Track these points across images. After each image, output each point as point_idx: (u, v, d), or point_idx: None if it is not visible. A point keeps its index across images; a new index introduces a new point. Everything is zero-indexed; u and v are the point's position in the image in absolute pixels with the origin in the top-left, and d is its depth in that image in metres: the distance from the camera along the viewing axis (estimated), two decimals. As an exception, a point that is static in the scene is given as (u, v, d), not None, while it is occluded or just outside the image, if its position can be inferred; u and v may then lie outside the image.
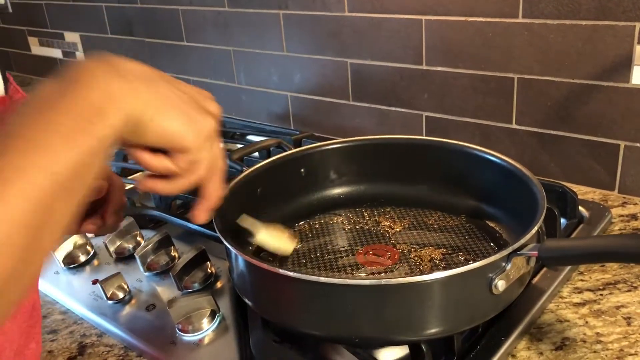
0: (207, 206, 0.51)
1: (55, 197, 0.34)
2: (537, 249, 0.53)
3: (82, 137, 0.36)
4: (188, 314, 0.64)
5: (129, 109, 0.39)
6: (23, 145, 0.34)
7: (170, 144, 0.43)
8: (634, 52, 0.80)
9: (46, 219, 0.34)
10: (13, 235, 0.32)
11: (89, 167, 0.37)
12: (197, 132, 0.44)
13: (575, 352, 0.57)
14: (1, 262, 0.32)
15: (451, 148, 0.76)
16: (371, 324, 0.52)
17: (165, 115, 0.42)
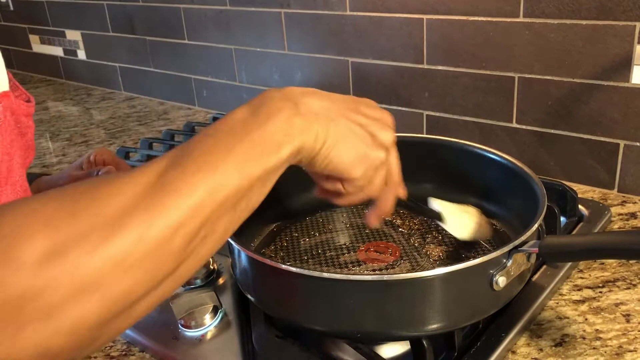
0: (378, 214, 0.56)
1: (217, 215, 0.38)
2: (537, 245, 0.53)
3: (253, 166, 0.40)
4: (190, 310, 0.64)
5: (303, 144, 0.43)
6: (199, 167, 0.37)
7: (339, 175, 0.48)
8: (634, 51, 0.80)
9: (204, 233, 0.37)
10: (174, 240, 0.35)
11: (252, 192, 0.40)
12: (366, 166, 0.49)
13: (575, 349, 0.58)
14: (159, 262, 0.34)
15: (453, 146, 0.76)
16: (373, 319, 0.52)
17: (336, 151, 0.46)
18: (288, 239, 0.73)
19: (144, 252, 0.33)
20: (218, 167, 0.38)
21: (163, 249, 0.34)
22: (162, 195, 0.35)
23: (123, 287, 0.33)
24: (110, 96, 1.67)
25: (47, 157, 1.24)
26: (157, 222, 0.34)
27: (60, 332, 0.31)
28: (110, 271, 0.32)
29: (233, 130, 0.41)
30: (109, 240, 0.33)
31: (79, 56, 1.76)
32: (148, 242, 0.34)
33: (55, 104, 1.65)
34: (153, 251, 0.34)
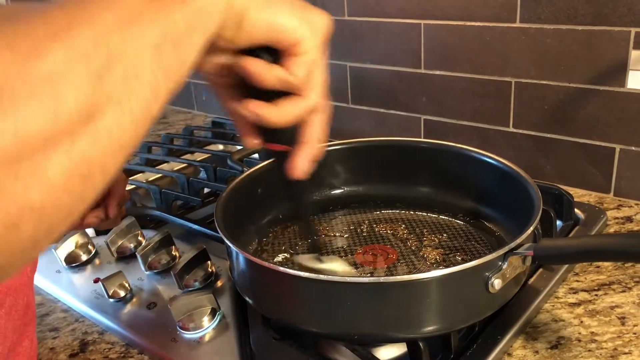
0: (309, 153, 0.45)
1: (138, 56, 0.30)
2: (532, 248, 0.54)
3: (174, 1, 0.32)
4: (189, 312, 0.64)
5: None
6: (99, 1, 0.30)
7: (281, 38, 0.38)
8: (629, 56, 0.81)
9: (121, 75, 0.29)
10: (76, 73, 0.27)
11: (182, 39, 0.32)
12: (312, 28, 0.39)
13: (570, 351, 0.58)
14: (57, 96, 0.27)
15: (450, 150, 0.77)
16: (370, 321, 0.52)
17: (274, 8, 0.37)
18: (286, 241, 0.74)
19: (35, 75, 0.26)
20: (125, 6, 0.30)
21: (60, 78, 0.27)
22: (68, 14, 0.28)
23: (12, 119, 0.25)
24: (109, 100, 1.67)
25: (46, 161, 1.25)
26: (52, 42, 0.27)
27: None
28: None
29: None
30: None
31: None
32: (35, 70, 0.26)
33: (54, 107, 1.66)
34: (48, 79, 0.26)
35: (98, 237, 0.85)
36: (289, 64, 0.39)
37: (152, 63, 0.30)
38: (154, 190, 0.94)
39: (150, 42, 0.30)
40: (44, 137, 0.26)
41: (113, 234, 0.79)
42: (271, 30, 0.37)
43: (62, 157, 0.27)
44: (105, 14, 0.29)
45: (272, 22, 0.37)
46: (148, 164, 1.10)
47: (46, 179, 0.26)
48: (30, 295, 0.55)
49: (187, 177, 0.96)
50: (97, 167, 0.29)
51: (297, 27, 0.38)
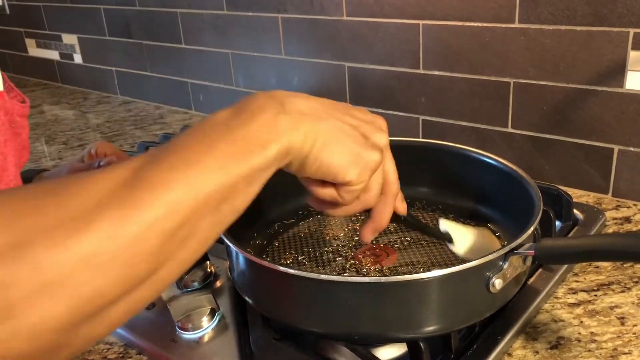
0: (374, 228, 0.52)
1: (198, 215, 0.35)
2: (533, 248, 0.54)
3: (237, 164, 0.37)
4: (188, 312, 0.64)
5: (291, 144, 0.41)
6: (178, 162, 0.35)
7: (332, 178, 0.45)
8: (627, 57, 0.81)
9: (184, 234, 0.35)
10: (149, 239, 0.33)
11: (238, 192, 0.38)
12: (361, 168, 0.45)
13: (570, 351, 0.58)
14: (132, 262, 0.32)
15: (449, 150, 0.76)
16: (370, 321, 0.52)
17: (327, 152, 0.43)
18: (285, 241, 0.74)
19: (115, 250, 0.31)
20: (199, 163, 0.36)
21: (136, 248, 0.32)
22: (137, 190, 0.33)
23: (91, 287, 0.31)
24: (106, 100, 1.67)
25: (43, 161, 1.24)
26: (129, 218, 0.32)
27: (19, 335, 0.29)
28: (76, 269, 0.30)
29: (215, 128, 0.39)
30: (76, 236, 0.30)
31: (75, 60, 1.76)
32: (119, 240, 0.31)
33: (51, 107, 1.65)
34: (125, 249, 0.31)
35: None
36: (340, 189, 0.47)
37: (209, 221, 0.36)
38: (152, 190, 0.94)
39: (212, 204, 0.36)
40: (115, 296, 0.32)
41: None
42: (326, 172, 0.44)
43: (123, 307, 0.33)
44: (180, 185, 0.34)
45: (327, 166, 0.44)
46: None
47: (109, 323, 0.33)
48: None
49: (186, 177, 0.96)
50: (143, 305, 0.36)
51: (347, 169, 0.45)
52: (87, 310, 0.31)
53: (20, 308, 0.29)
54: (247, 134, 0.39)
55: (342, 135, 0.45)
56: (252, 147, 0.38)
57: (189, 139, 0.38)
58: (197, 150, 0.37)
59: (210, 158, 0.36)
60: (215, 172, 0.36)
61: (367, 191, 0.48)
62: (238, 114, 0.40)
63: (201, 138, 0.38)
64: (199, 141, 0.37)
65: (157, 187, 0.34)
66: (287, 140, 0.40)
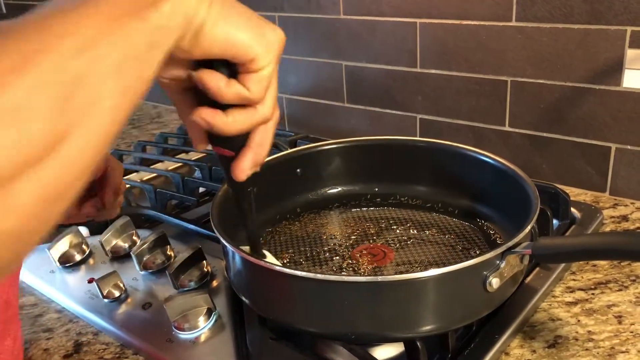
0: (254, 158, 0.46)
1: (95, 73, 0.30)
2: (530, 247, 0.54)
3: (132, 18, 0.32)
4: (184, 312, 0.64)
5: (190, 9, 0.35)
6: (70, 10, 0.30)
7: (237, 53, 0.39)
8: (625, 55, 0.81)
9: (86, 96, 0.30)
10: (39, 96, 0.28)
11: (137, 55, 0.32)
12: (267, 44, 0.40)
13: (568, 350, 0.58)
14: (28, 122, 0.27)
15: (446, 149, 0.76)
16: (367, 320, 0.52)
17: (231, 23, 0.38)
18: (282, 240, 0.73)
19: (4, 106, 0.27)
20: (85, 16, 0.30)
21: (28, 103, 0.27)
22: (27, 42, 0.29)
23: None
24: (103, 99, 1.67)
25: (40, 160, 1.24)
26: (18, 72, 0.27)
27: None
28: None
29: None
30: None
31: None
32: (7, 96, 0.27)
33: (48, 107, 1.65)
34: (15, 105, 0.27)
35: (92, 237, 0.84)
36: (246, 79, 0.40)
37: (112, 86, 0.31)
38: (149, 189, 0.94)
39: (111, 65, 0.31)
40: (13, 167, 0.27)
41: (107, 233, 0.79)
42: (227, 45, 0.38)
43: (31, 184, 0.28)
44: (64, 40, 0.29)
45: (228, 37, 0.38)
46: (143, 163, 1.10)
47: (17, 206, 0.27)
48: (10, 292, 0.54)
49: (182, 176, 0.96)
50: (62, 190, 0.30)
51: (252, 43, 0.39)
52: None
53: None
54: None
55: (243, 9, 0.39)
56: (144, 4, 0.33)
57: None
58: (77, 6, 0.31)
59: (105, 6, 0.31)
60: (108, 21, 0.31)
61: (269, 87, 0.42)
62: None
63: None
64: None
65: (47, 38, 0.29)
66: (187, 4, 0.35)
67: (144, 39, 0.33)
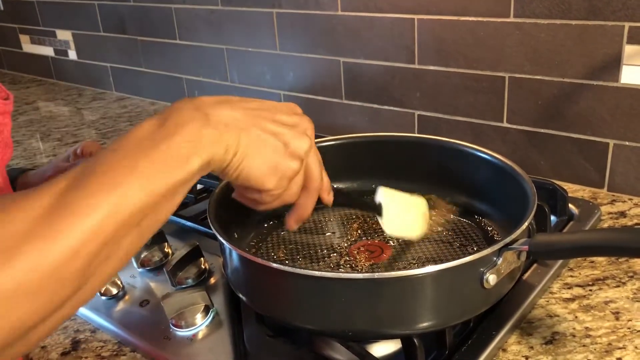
0: (298, 217, 0.55)
1: (120, 234, 0.36)
2: (527, 243, 0.54)
3: (159, 181, 0.39)
4: (182, 309, 0.64)
5: (213, 156, 0.43)
6: (99, 186, 0.36)
7: (252, 185, 0.48)
8: (622, 51, 0.81)
9: (107, 254, 0.36)
10: (73, 263, 0.34)
11: (160, 207, 0.39)
12: (279, 177, 0.48)
13: (565, 346, 0.58)
14: (58, 287, 0.34)
15: (444, 145, 0.76)
16: (364, 317, 0.52)
17: (247, 162, 0.46)
18: (279, 238, 0.73)
19: (41, 279, 0.32)
20: (121, 185, 0.37)
21: (61, 273, 0.33)
22: (60, 218, 0.34)
23: (19, 314, 0.32)
24: (101, 96, 1.67)
25: (38, 158, 1.24)
26: (53, 247, 0.33)
27: None
28: (3, 299, 0.31)
29: (138, 144, 0.39)
30: (1, 270, 0.31)
31: (69, 56, 1.76)
32: (44, 269, 0.33)
33: (46, 104, 1.65)
34: (50, 277, 0.33)
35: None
36: (261, 192, 0.49)
37: (130, 239, 0.38)
38: (147, 186, 0.93)
39: (135, 222, 0.37)
40: (44, 317, 0.34)
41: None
42: (245, 180, 0.47)
43: (48, 326, 0.35)
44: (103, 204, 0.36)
45: (246, 175, 0.46)
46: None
47: (36, 342, 0.35)
48: None
49: (180, 173, 0.96)
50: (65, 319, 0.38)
51: (265, 178, 0.47)
52: (15, 335, 0.32)
53: None
54: (170, 149, 0.40)
55: (262, 145, 0.47)
56: (175, 162, 0.40)
57: (112, 157, 0.38)
58: (119, 170, 0.37)
59: (132, 178, 0.37)
60: (137, 191, 0.37)
61: (287, 192, 0.51)
62: (163, 126, 0.41)
63: (124, 156, 0.38)
64: (120, 161, 0.38)
65: (78, 214, 0.34)
66: (209, 153, 0.42)
67: (166, 195, 0.39)
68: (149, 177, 0.38)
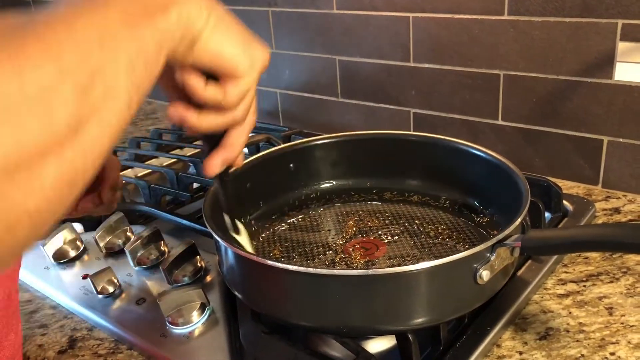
0: (224, 157, 0.49)
1: (113, 72, 0.33)
2: (520, 239, 0.54)
3: (142, 22, 0.35)
4: (178, 307, 0.64)
5: (188, 13, 0.38)
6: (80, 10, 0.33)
7: (223, 66, 0.42)
8: (616, 48, 0.81)
9: (102, 92, 0.32)
10: (63, 88, 0.30)
11: (148, 56, 0.36)
12: (252, 61, 0.43)
13: (559, 342, 0.59)
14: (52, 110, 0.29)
15: (439, 143, 0.77)
16: (359, 314, 0.52)
17: (224, 36, 0.41)
18: (274, 235, 0.74)
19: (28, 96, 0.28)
20: (104, 15, 0.33)
21: (49, 95, 0.29)
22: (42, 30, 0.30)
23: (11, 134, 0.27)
24: (97, 96, 1.66)
25: (34, 157, 1.24)
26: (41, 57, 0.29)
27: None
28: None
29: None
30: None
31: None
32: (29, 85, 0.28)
33: (42, 103, 1.64)
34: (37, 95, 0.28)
35: (86, 233, 0.84)
36: (226, 84, 0.43)
37: (126, 79, 0.33)
38: (143, 185, 0.94)
39: (125, 61, 0.33)
40: (40, 148, 0.29)
41: (101, 229, 0.79)
42: (217, 57, 0.42)
43: (55, 166, 0.30)
44: (87, 33, 0.32)
45: (218, 50, 0.41)
46: (137, 159, 1.10)
47: (41, 187, 0.29)
48: (11, 287, 0.54)
49: (176, 172, 0.96)
50: (80, 173, 0.32)
51: (240, 59, 0.42)
52: (12, 160, 0.28)
53: None
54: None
55: (233, 22, 0.42)
56: (154, 9, 0.36)
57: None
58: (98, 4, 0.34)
59: (114, 10, 0.34)
60: (122, 24, 0.34)
61: (245, 98, 0.45)
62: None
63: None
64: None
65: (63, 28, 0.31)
66: (186, 8, 0.38)
67: (152, 41, 0.36)
68: (129, 16, 0.35)
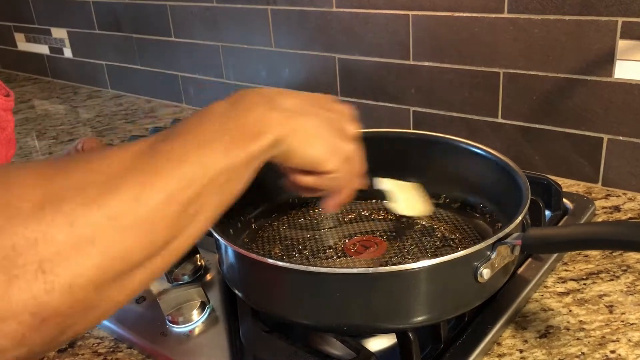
0: (338, 201, 0.57)
1: (207, 191, 0.39)
2: (520, 237, 0.54)
3: (238, 150, 0.42)
4: (178, 306, 0.64)
5: (279, 136, 0.45)
6: (190, 141, 0.39)
7: (314, 167, 0.50)
8: (616, 46, 0.81)
9: (196, 208, 0.38)
10: (169, 206, 0.36)
11: (238, 175, 0.42)
12: (338, 157, 0.51)
13: (559, 340, 0.59)
14: (155, 227, 0.35)
15: (439, 141, 0.76)
16: (359, 312, 0.52)
17: (310, 144, 0.49)
18: (274, 234, 0.74)
19: (141, 213, 0.34)
20: (209, 144, 0.40)
21: (158, 214, 0.35)
22: (156, 161, 0.37)
23: (120, 246, 0.33)
24: (97, 94, 1.66)
25: (34, 156, 1.24)
26: (152, 185, 0.35)
27: (53, 289, 0.30)
28: (107, 227, 0.32)
29: (214, 118, 0.43)
30: (105, 196, 0.33)
31: (65, 54, 1.75)
32: (144, 204, 0.34)
33: (41, 102, 1.64)
34: (149, 214, 0.34)
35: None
36: (321, 176, 0.52)
37: (215, 200, 0.40)
38: (142, 184, 0.93)
39: (218, 185, 0.40)
40: (140, 260, 0.35)
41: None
42: (305, 161, 0.49)
43: (142, 276, 0.36)
44: (194, 166, 0.38)
45: (309, 156, 0.49)
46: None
47: (125, 296, 0.36)
48: None
49: (176, 170, 0.96)
50: (159, 274, 0.39)
51: (325, 157, 0.50)
52: (114, 270, 0.33)
53: (54, 263, 0.30)
54: (245, 125, 0.43)
55: (322, 130, 0.50)
56: (250, 136, 0.43)
57: (193, 124, 0.42)
58: (203, 134, 0.41)
59: (217, 142, 0.41)
60: (222, 153, 0.40)
61: (343, 175, 0.53)
62: (234, 107, 0.44)
63: (205, 125, 0.42)
64: (203, 127, 0.42)
65: (174, 160, 0.37)
66: (278, 132, 0.45)
67: (244, 162, 0.42)
68: (230, 143, 0.41)
